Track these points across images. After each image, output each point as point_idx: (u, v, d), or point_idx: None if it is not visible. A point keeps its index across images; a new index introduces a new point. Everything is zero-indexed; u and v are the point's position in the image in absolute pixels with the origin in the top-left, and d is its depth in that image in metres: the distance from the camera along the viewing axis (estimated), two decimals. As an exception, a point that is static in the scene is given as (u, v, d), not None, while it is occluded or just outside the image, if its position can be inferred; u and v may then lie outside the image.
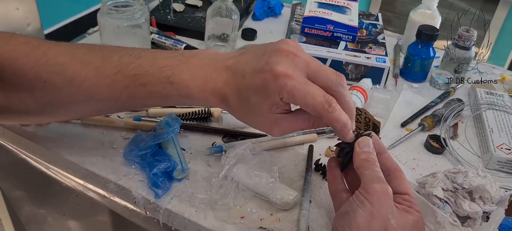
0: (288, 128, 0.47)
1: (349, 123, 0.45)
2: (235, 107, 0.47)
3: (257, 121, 0.48)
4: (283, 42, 0.45)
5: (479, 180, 0.52)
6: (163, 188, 0.53)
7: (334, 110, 0.44)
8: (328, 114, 0.44)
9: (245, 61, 0.46)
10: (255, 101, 0.45)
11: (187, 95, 0.47)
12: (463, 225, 0.51)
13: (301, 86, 0.43)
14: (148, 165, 0.55)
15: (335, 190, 0.49)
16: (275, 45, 0.45)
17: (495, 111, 0.73)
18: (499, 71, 0.92)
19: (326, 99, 0.43)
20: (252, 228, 0.50)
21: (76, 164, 0.57)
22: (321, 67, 0.45)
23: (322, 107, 0.43)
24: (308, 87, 0.43)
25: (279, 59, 0.43)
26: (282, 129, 0.47)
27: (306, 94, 0.43)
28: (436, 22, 0.89)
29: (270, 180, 0.54)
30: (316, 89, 0.44)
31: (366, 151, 0.46)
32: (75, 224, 0.80)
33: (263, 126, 0.48)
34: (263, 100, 0.44)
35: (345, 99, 0.45)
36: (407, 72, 0.85)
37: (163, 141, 0.57)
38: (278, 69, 0.43)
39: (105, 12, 0.74)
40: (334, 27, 0.87)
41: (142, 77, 0.47)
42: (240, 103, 0.46)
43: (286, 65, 0.43)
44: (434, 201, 0.52)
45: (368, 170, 0.44)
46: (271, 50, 0.45)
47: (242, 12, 0.96)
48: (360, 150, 0.46)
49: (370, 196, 0.41)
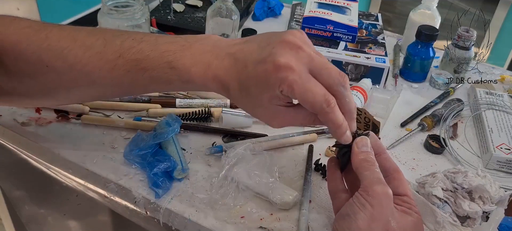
0: (289, 121, 0.47)
1: (344, 124, 0.45)
2: (236, 96, 0.46)
3: (257, 111, 0.47)
4: (289, 33, 0.44)
5: (479, 180, 0.52)
6: (164, 188, 0.53)
7: (332, 111, 0.43)
8: (325, 114, 0.43)
9: (249, 50, 0.45)
10: (256, 92, 0.44)
11: (188, 81, 0.46)
12: (462, 225, 0.51)
13: (302, 82, 0.42)
14: (148, 165, 0.55)
15: (334, 190, 0.49)
16: (281, 35, 0.44)
17: (494, 112, 0.73)
18: (499, 71, 0.92)
19: (326, 98, 0.43)
20: (252, 228, 0.51)
21: (76, 164, 0.57)
22: (325, 64, 0.44)
23: (320, 106, 0.43)
24: (309, 83, 0.42)
25: (282, 51, 0.42)
26: (281, 121, 0.47)
27: (306, 90, 0.42)
28: (436, 22, 0.89)
29: (270, 180, 0.54)
30: (316, 87, 0.43)
31: (364, 151, 0.46)
32: (75, 224, 0.80)
33: (263, 116, 0.47)
34: (263, 92, 0.44)
35: (345, 100, 0.44)
36: (407, 72, 0.85)
37: (163, 141, 0.57)
38: (281, 61, 0.41)
39: (105, 12, 0.74)
40: (334, 27, 0.87)
41: (143, 62, 0.46)
42: (241, 92, 0.45)
43: (289, 57, 0.42)
44: (434, 201, 0.52)
45: (367, 170, 0.44)
46: (276, 41, 0.43)
47: (242, 12, 0.96)
48: (358, 150, 0.46)
49: (371, 198, 0.41)
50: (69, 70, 0.47)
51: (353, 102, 0.46)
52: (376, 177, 0.43)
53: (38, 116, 0.64)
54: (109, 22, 0.75)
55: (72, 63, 0.47)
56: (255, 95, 0.44)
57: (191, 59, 0.46)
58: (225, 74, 0.45)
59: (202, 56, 0.46)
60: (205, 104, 0.68)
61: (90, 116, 0.65)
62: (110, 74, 0.47)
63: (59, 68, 0.47)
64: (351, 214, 0.42)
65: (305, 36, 0.45)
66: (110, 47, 0.47)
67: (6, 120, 0.64)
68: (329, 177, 0.50)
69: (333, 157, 0.52)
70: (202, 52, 0.46)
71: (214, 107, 0.68)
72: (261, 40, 0.45)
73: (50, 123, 0.63)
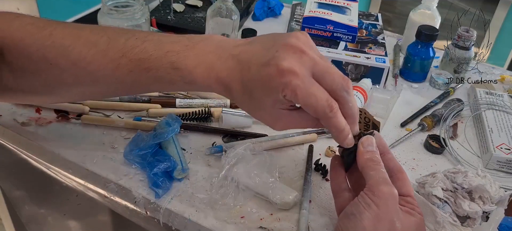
0: (291, 124, 0.47)
1: (347, 129, 0.45)
2: (239, 98, 0.46)
3: (259, 113, 0.47)
4: (293, 36, 0.44)
5: (479, 180, 0.52)
6: (164, 188, 0.53)
7: (334, 115, 0.43)
8: (327, 119, 0.43)
9: (253, 51, 0.44)
10: (259, 95, 0.44)
11: (191, 82, 0.46)
12: (462, 225, 0.51)
13: (305, 86, 0.41)
14: (148, 164, 0.55)
15: (337, 189, 0.48)
16: (285, 38, 0.43)
17: (494, 112, 0.73)
18: (499, 71, 0.92)
19: (329, 103, 0.42)
20: (252, 228, 0.51)
21: (76, 164, 0.57)
22: (328, 68, 0.43)
23: (323, 111, 0.42)
24: (312, 88, 0.42)
25: (286, 54, 0.42)
26: (284, 124, 0.47)
27: (309, 95, 0.42)
28: (436, 22, 0.89)
29: (270, 180, 0.54)
30: (320, 92, 0.42)
31: (370, 150, 0.46)
32: (75, 224, 0.80)
33: (266, 119, 0.47)
34: (266, 95, 0.43)
35: (348, 105, 0.44)
36: (407, 72, 0.85)
37: (163, 141, 0.57)
38: (284, 65, 0.41)
39: (105, 12, 0.74)
40: (334, 27, 0.87)
41: (146, 61, 0.46)
42: (244, 94, 0.45)
43: (292, 62, 0.41)
44: (434, 201, 0.52)
45: (373, 170, 0.44)
46: (280, 43, 0.43)
47: (242, 12, 0.96)
48: (364, 149, 0.46)
49: (376, 199, 0.41)
50: (73, 68, 0.47)
51: (356, 107, 0.46)
52: (382, 177, 0.43)
53: (38, 116, 0.64)
54: (109, 22, 0.75)
55: (75, 61, 0.47)
56: (258, 98, 0.44)
57: (194, 60, 0.45)
58: (228, 76, 0.45)
59: (205, 57, 0.45)
60: (205, 104, 0.68)
61: (90, 116, 0.65)
62: (114, 73, 0.47)
63: (62, 65, 0.47)
64: (357, 214, 0.42)
65: (309, 39, 0.45)
66: (113, 46, 0.47)
67: (6, 120, 0.64)
68: (332, 175, 0.50)
69: (336, 155, 0.51)
70: (205, 52, 0.46)
71: (214, 107, 0.68)
72: (265, 42, 0.45)
73: (50, 123, 0.63)
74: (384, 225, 0.40)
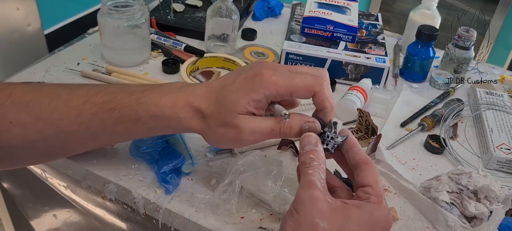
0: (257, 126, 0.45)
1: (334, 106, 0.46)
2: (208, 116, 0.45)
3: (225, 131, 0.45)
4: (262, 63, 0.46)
5: (483, 180, 0.52)
6: (173, 184, 0.54)
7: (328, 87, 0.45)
8: (322, 90, 0.45)
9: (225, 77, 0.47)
10: (233, 99, 0.44)
11: (157, 115, 0.46)
12: (470, 225, 0.51)
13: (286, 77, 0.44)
14: (156, 161, 0.55)
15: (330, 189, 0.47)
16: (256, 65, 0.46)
17: (494, 112, 0.73)
18: (499, 71, 0.92)
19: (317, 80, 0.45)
20: (252, 228, 0.50)
21: (76, 164, 0.57)
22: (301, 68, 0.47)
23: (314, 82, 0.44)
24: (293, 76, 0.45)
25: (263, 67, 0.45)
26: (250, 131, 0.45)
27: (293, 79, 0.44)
28: (436, 22, 0.89)
29: (274, 188, 0.52)
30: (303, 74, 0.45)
31: (305, 151, 0.43)
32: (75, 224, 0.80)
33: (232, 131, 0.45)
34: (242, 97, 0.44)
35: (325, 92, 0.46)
36: (407, 72, 0.85)
37: (169, 137, 0.58)
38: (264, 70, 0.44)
39: (105, 12, 0.74)
40: (334, 27, 0.87)
41: (111, 102, 0.47)
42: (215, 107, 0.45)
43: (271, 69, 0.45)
44: (441, 204, 0.52)
45: (303, 174, 0.42)
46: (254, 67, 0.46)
47: (242, 12, 0.96)
48: (301, 150, 0.44)
49: (296, 204, 0.40)
50: (35, 122, 0.46)
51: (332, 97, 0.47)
52: (306, 180, 0.41)
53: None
54: (109, 22, 0.75)
55: (37, 115, 0.46)
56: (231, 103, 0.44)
57: (160, 93, 0.47)
58: (198, 99, 0.46)
59: (171, 92, 0.47)
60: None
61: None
62: (77, 120, 0.47)
63: (23, 121, 0.46)
64: (283, 224, 0.41)
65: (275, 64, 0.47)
66: (76, 95, 0.47)
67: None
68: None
69: None
70: (171, 89, 0.47)
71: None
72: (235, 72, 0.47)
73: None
74: (306, 228, 0.39)
